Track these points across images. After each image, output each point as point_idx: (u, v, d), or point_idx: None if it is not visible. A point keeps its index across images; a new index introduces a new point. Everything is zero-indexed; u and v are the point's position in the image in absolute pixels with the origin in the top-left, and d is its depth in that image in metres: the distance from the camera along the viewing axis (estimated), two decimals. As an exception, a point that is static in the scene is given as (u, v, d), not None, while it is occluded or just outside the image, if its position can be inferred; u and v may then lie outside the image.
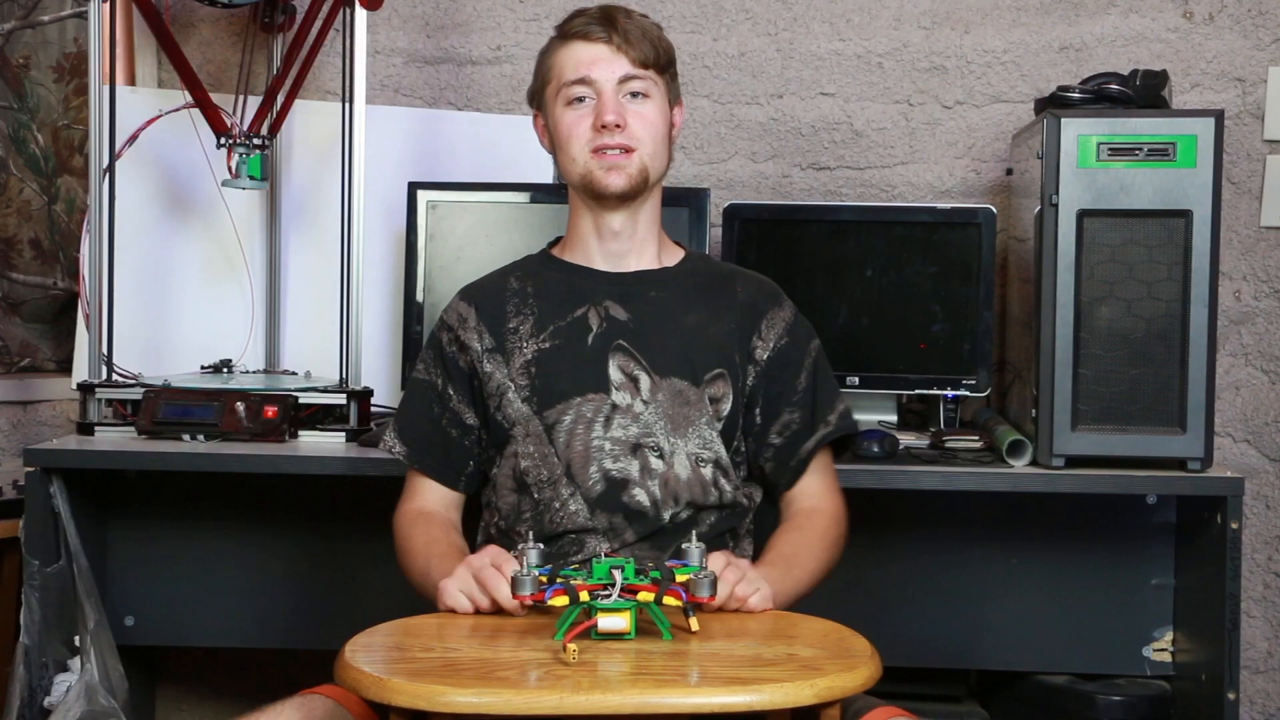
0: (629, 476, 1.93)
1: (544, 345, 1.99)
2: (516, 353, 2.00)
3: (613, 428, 1.95)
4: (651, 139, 1.98)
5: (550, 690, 1.45)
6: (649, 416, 1.95)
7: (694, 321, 2.01)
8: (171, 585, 2.74)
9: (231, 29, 3.06)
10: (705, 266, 2.12)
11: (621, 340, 1.98)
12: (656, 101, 1.99)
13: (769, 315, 2.05)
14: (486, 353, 2.01)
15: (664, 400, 1.96)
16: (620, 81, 1.97)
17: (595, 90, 1.97)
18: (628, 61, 1.96)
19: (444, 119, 3.04)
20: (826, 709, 1.55)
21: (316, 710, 1.68)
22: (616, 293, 2.02)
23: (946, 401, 2.72)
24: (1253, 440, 2.93)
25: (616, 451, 1.94)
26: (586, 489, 1.93)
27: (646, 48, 1.98)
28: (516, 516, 1.96)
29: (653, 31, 2.01)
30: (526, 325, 2.01)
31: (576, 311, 2.01)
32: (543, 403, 1.96)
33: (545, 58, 2.04)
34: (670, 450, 1.94)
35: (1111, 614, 2.65)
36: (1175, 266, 2.37)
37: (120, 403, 2.65)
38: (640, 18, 2.02)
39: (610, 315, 2.00)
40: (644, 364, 1.97)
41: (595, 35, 1.97)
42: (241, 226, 2.93)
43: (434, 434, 2.04)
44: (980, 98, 2.98)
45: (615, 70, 1.96)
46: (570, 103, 1.98)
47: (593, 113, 1.96)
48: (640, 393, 1.96)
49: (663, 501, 1.93)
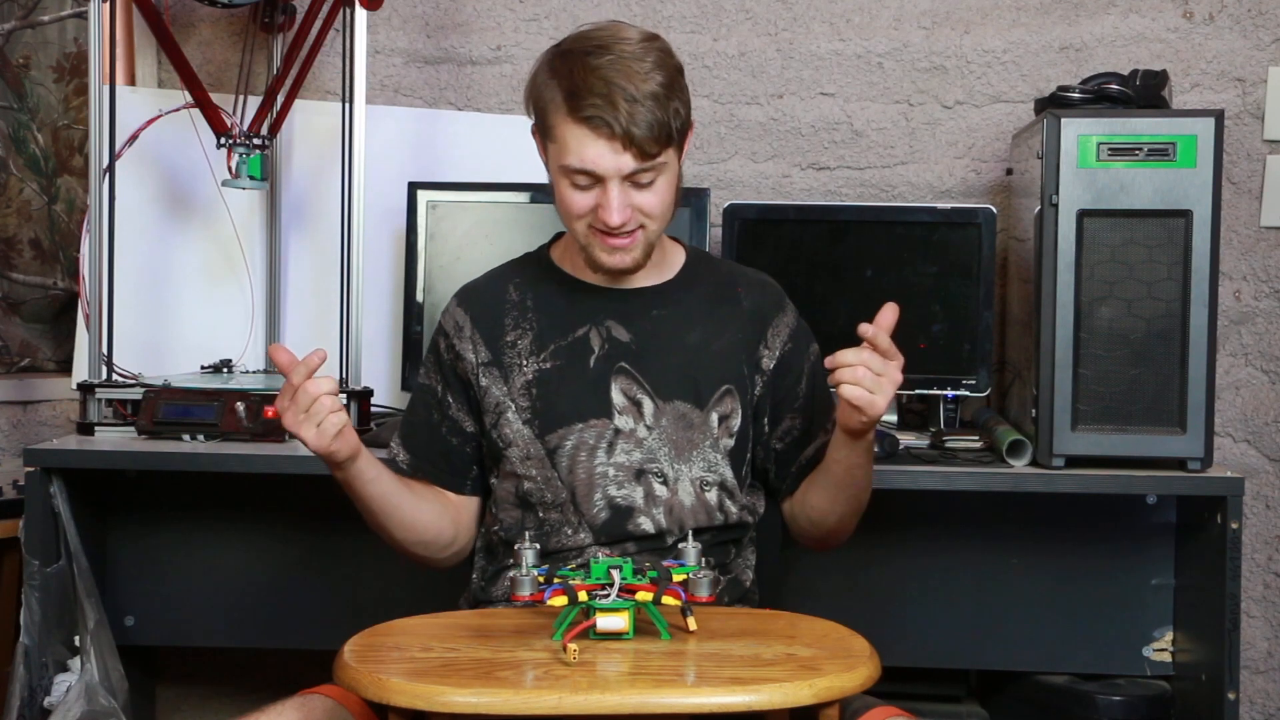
0: (634, 504, 1.92)
1: (545, 366, 1.96)
2: (516, 370, 1.96)
3: (616, 453, 1.93)
4: (659, 215, 1.88)
5: (549, 690, 1.46)
6: (652, 442, 1.93)
7: (698, 339, 1.98)
8: (171, 585, 2.74)
9: (231, 29, 3.06)
10: (707, 272, 2.06)
11: (624, 363, 1.95)
12: (667, 174, 1.87)
13: (774, 323, 2.02)
14: (483, 366, 1.98)
15: (668, 425, 1.94)
16: (627, 176, 1.83)
17: (599, 180, 1.84)
18: (634, 158, 1.81)
19: (444, 119, 3.04)
20: (825, 709, 1.55)
21: (316, 710, 1.68)
22: (618, 311, 1.97)
23: (946, 401, 2.72)
24: (1253, 440, 2.93)
25: (620, 478, 1.92)
26: (591, 516, 1.92)
27: (657, 134, 1.81)
28: (519, 530, 1.94)
29: (664, 103, 1.82)
30: (525, 341, 1.97)
31: (578, 331, 1.97)
32: (544, 426, 1.94)
33: (550, 112, 1.85)
34: (674, 477, 1.93)
35: (1111, 614, 2.65)
36: (1175, 266, 2.37)
37: (120, 403, 2.65)
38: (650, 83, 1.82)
39: (612, 336, 1.96)
40: (647, 388, 1.94)
41: (600, 128, 1.80)
42: (241, 226, 2.93)
43: (435, 442, 2.02)
44: (980, 98, 2.98)
45: (621, 166, 1.82)
46: (573, 183, 1.86)
47: (596, 199, 1.85)
48: (644, 417, 1.94)
49: (668, 530, 1.92)
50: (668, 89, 1.83)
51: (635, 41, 1.85)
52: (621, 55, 1.83)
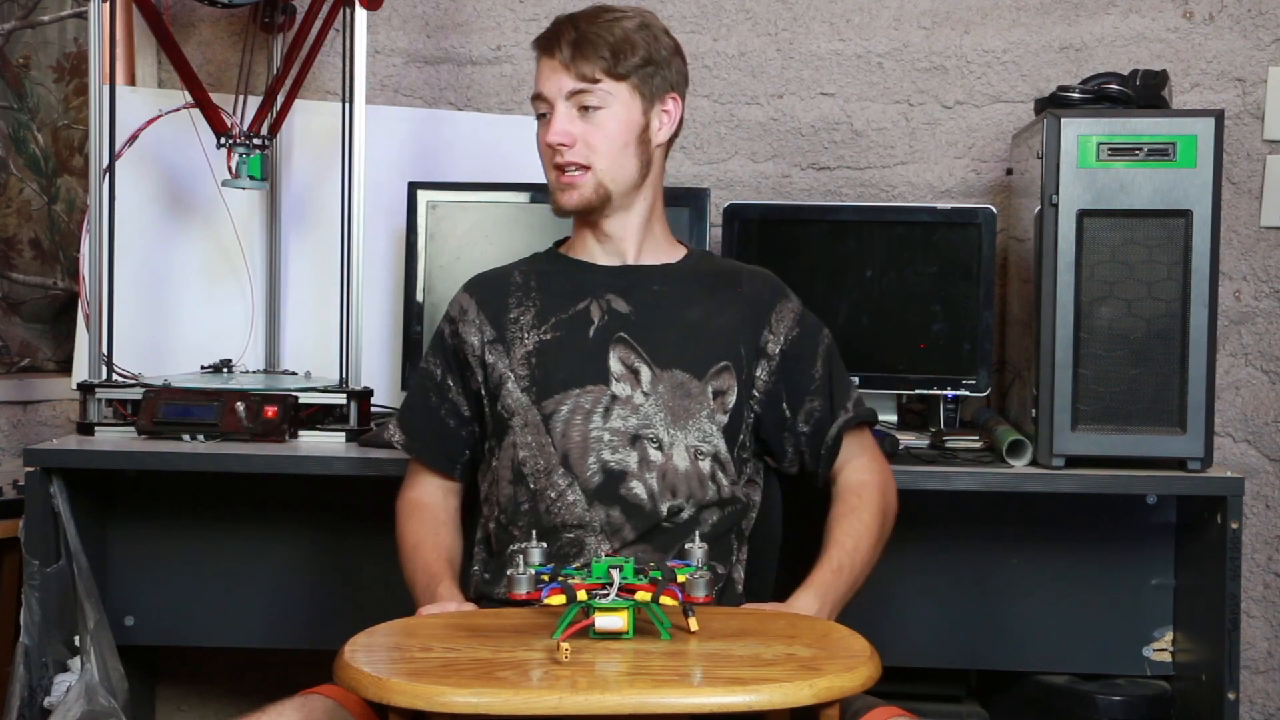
0: (627, 468, 1.93)
1: (545, 337, 2.00)
2: (517, 343, 2.01)
3: (612, 418, 1.95)
4: (608, 150, 1.97)
5: (549, 690, 1.46)
6: (649, 408, 1.95)
7: (697, 315, 2.01)
8: (171, 585, 2.74)
9: (231, 29, 3.06)
10: (708, 264, 2.13)
11: (623, 332, 1.98)
12: (616, 110, 1.96)
13: (777, 309, 2.05)
14: (487, 344, 2.02)
15: (664, 392, 1.96)
16: (568, 97, 1.96)
17: (550, 106, 1.97)
18: (572, 77, 1.95)
19: (444, 119, 3.04)
20: (825, 709, 1.54)
21: (316, 710, 1.68)
22: (619, 286, 2.02)
23: (946, 401, 2.72)
24: (1253, 440, 2.93)
25: (615, 442, 1.94)
26: (584, 480, 1.93)
27: (600, 58, 1.94)
28: (514, 509, 1.96)
29: (619, 35, 1.96)
30: (528, 316, 2.02)
31: (579, 305, 2.01)
32: (541, 392, 1.97)
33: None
34: (669, 442, 1.95)
35: (1111, 614, 2.65)
36: (1175, 266, 2.37)
37: (120, 403, 2.65)
38: (612, 20, 1.98)
39: (612, 308, 2.00)
40: (645, 356, 1.97)
41: (547, 50, 1.98)
42: (241, 226, 2.93)
43: (431, 423, 2.07)
44: (980, 98, 2.98)
45: (562, 85, 1.96)
46: (538, 115, 2.00)
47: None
48: (640, 384, 1.96)
49: (659, 495, 1.93)
50: (629, 33, 1.97)
51: (621, 8, 2.01)
52: (599, 9, 2.01)
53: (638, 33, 1.98)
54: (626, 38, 1.96)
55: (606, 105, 1.96)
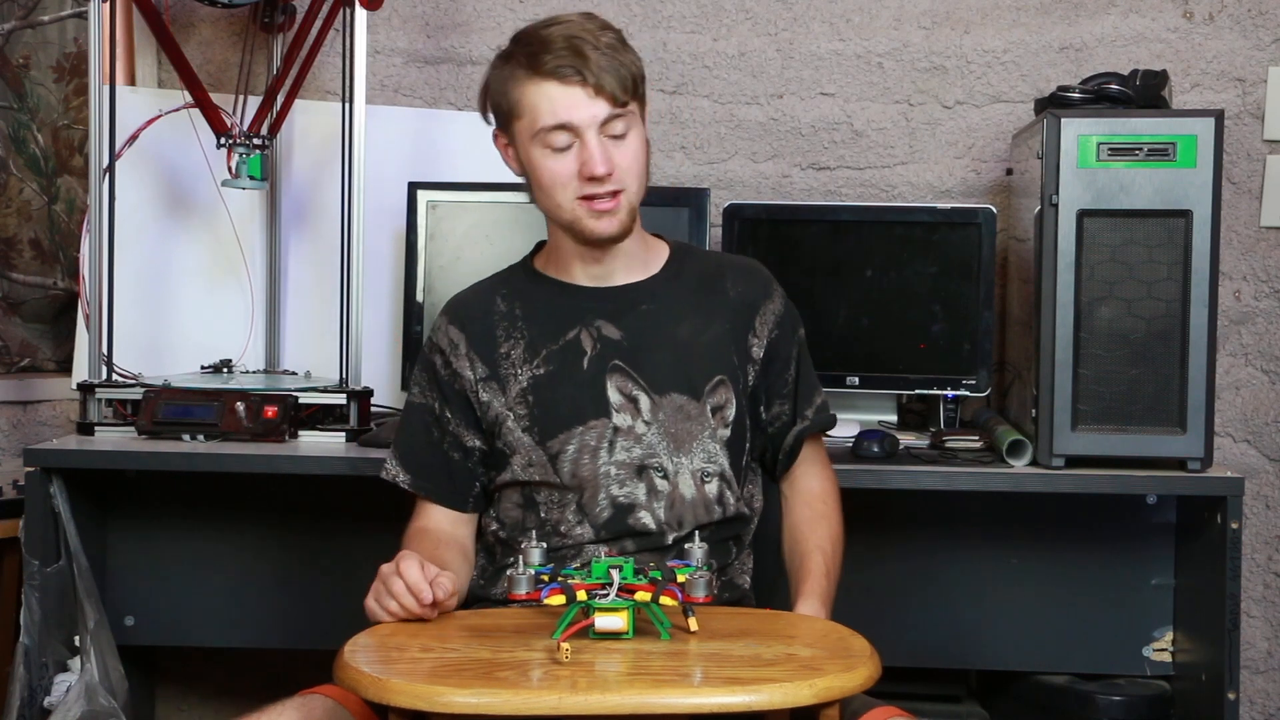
0: (635, 500, 1.92)
1: (538, 371, 1.95)
2: (511, 380, 1.95)
3: (616, 451, 1.92)
4: (637, 175, 1.90)
5: (549, 690, 1.46)
6: (651, 437, 1.93)
7: (688, 331, 1.98)
8: (171, 585, 2.74)
9: (231, 29, 3.06)
10: (692, 263, 2.06)
11: (617, 360, 1.94)
12: (637, 130, 1.90)
13: (761, 311, 2.02)
14: (481, 382, 1.97)
15: (665, 419, 1.93)
16: (603, 125, 1.86)
17: (576, 135, 1.86)
18: (607, 103, 1.85)
19: (444, 119, 3.04)
20: (825, 709, 1.54)
21: (316, 710, 1.68)
22: (606, 310, 1.97)
23: (946, 401, 2.72)
24: (1253, 440, 2.93)
25: (622, 476, 1.92)
26: (594, 515, 1.92)
27: (623, 79, 1.85)
28: (521, 531, 1.94)
29: (621, 54, 1.88)
30: (518, 350, 1.97)
31: (568, 334, 1.96)
32: (544, 432, 1.93)
33: (511, 88, 1.90)
34: (674, 470, 1.92)
35: (1111, 614, 2.65)
36: (1175, 266, 2.37)
37: (120, 403, 2.65)
38: (604, 37, 1.88)
39: (603, 335, 1.96)
40: (641, 383, 1.94)
41: (570, 78, 1.84)
42: (241, 226, 2.93)
43: (436, 459, 2.00)
44: (980, 98, 2.98)
45: (596, 114, 1.85)
46: (551, 149, 1.87)
47: (577, 159, 1.86)
48: (641, 413, 1.93)
49: (668, 524, 1.92)
50: (622, 43, 1.90)
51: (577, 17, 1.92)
52: (570, 23, 1.90)
53: (626, 45, 1.91)
54: (628, 58, 1.89)
55: (633, 127, 1.89)
